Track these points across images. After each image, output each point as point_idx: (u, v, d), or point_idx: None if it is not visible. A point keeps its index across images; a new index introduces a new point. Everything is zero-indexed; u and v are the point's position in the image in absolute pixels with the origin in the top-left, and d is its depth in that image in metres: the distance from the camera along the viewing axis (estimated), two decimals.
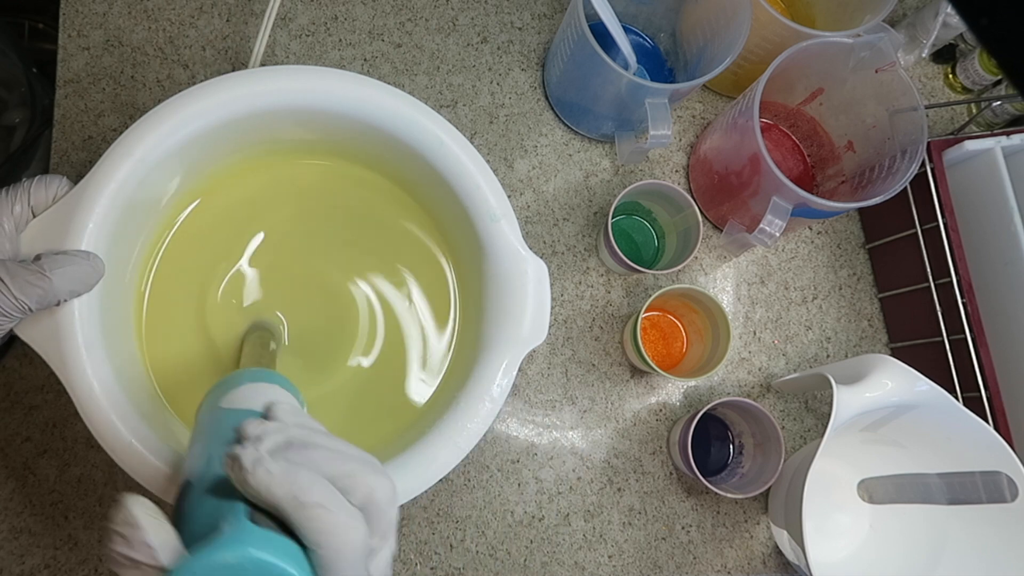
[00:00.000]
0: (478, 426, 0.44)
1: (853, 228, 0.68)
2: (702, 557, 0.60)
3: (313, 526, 0.26)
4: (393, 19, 0.65)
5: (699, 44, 0.60)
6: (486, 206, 0.47)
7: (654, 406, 0.62)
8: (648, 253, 0.64)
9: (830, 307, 0.66)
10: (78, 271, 0.39)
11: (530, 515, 0.59)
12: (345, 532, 0.26)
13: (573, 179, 0.65)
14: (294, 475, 0.26)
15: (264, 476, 0.26)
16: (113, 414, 0.40)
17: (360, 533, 0.27)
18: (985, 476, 0.53)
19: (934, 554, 0.57)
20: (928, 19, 0.67)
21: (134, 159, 0.42)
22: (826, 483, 0.61)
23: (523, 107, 0.65)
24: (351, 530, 0.27)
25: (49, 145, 0.59)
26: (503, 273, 0.47)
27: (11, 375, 0.55)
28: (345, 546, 0.26)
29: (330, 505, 0.26)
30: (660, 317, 0.63)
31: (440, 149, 0.47)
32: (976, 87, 0.70)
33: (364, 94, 0.46)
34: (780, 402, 0.64)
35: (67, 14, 0.61)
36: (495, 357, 0.46)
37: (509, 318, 0.46)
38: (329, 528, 0.26)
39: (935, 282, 0.59)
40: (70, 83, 0.60)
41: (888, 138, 0.58)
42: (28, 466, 0.54)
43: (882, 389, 0.52)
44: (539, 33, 0.67)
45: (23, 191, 0.40)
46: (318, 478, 0.27)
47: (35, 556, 0.53)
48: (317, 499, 0.26)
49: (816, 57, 0.56)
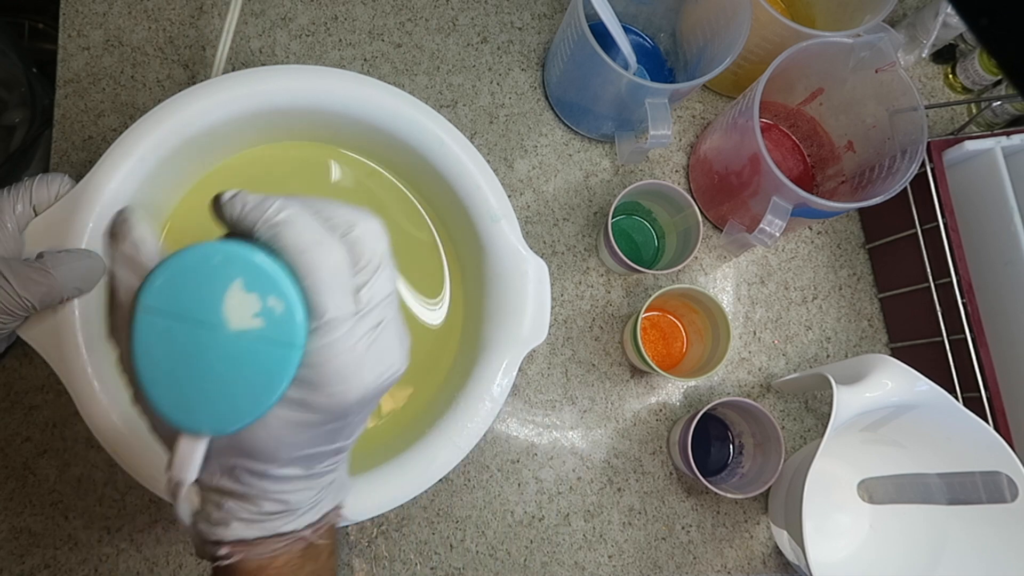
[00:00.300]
0: (478, 426, 0.44)
1: (853, 228, 0.68)
2: (702, 557, 0.60)
3: (283, 242, 0.26)
4: (393, 19, 0.65)
5: (699, 44, 0.60)
6: (486, 206, 0.47)
7: (654, 406, 0.62)
8: (648, 253, 0.64)
9: (830, 307, 0.66)
10: (80, 269, 0.39)
11: (530, 515, 0.59)
12: (317, 248, 0.26)
13: (573, 179, 0.65)
14: (268, 202, 0.26)
15: (240, 205, 0.26)
16: (113, 414, 0.40)
17: (336, 253, 0.26)
18: (985, 476, 0.53)
19: (934, 554, 0.57)
20: (928, 19, 0.67)
21: (135, 158, 0.42)
22: (826, 483, 0.61)
23: (523, 107, 0.65)
24: (323, 247, 0.26)
25: (49, 145, 0.59)
26: (503, 273, 0.47)
27: (11, 375, 0.55)
28: (319, 264, 0.26)
29: (299, 222, 0.26)
30: (660, 317, 0.63)
31: (441, 149, 0.47)
32: (976, 87, 0.70)
33: (364, 94, 0.46)
34: (780, 402, 0.64)
35: (67, 14, 0.61)
36: (495, 357, 0.46)
37: (509, 318, 0.46)
38: (298, 243, 0.26)
39: (935, 282, 0.59)
40: (70, 83, 0.60)
41: (888, 138, 0.58)
42: (28, 466, 0.54)
43: (882, 389, 0.52)
44: (539, 33, 0.67)
45: (25, 190, 0.41)
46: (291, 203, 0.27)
47: (35, 556, 0.53)
48: (285, 217, 0.26)
49: (816, 57, 0.56)
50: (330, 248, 0.26)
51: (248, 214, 0.26)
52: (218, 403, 0.26)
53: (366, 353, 0.27)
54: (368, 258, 0.28)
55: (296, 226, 0.26)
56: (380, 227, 0.29)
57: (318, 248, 0.26)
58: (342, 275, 0.26)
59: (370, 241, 0.28)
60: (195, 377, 0.25)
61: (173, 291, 0.25)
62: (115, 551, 0.54)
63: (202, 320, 0.25)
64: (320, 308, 0.26)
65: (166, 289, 0.25)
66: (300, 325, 0.26)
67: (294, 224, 0.26)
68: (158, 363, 0.25)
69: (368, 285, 0.27)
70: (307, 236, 0.26)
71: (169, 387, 0.26)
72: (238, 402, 0.26)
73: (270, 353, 0.25)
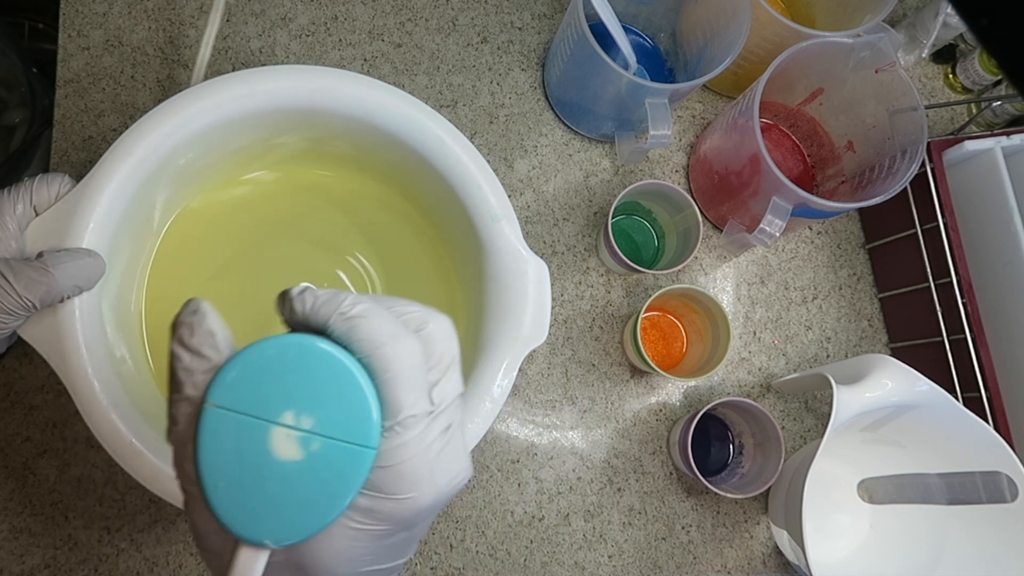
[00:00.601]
0: (478, 426, 0.44)
1: (853, 228, 0.68)
2: (702, 557, 0.60)
3: (360, 335, 0.24)
4: (393, 19, 0.65)
5: (699, 44, 0.60)
6: (487, 206, 0.47)
7: (654, 406, 0.62)
8: (648, 253, 0.65)
9: (830, 307, 0.66)
10: (80, 267, 0.39)
11: (530, 515, 0.59)
12: (394, 342, 0.25)
13: (573, 179, 0.65)
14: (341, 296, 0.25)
15: (311, 299, 0.25)
16: (114, 413, 0.40)
17: (412, 348, 0.25)
18: (985, 476, 0.53)
19: (934, 554, 0.57)
20: (928, 19, 0.67)
21: (135, 158, 0.42)
22: (826, 483, 0.61)
23: (523, 107, 0.65)
24: (400, 341, 0.25)
25: (49, 145, 0.59)
26: (504, 273, 0.47)
27: (11, 375, 0.55)
28: (395, 359, 0.24)
29: (374, 316, 0.25)
30: (660, 317, 0.63)
31: (441, 149, 0.47)
32: (976, 87, 0.70)
33: (365, 93, 0.46)
34: (780, 402, 0.64)
35: (67, 14, 0.61)
36: (495, 357, 0.46)
37: (509, 318, 0.46)
38: (375, 336, 0.24)
39: (935, 282, 0.59)
40: (70, 83, 0.60)
41: (888, 138, 0.58)
42: (28, 466, 0.54)
43: (882, 389, 0.52)
44: (539, 33, 0.67)
45: (25, 190, 0.41)
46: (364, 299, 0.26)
47: (35, 556, 0.53)
48: (361, 311, 0.25)
49: (816, 57, 0.56)
50: (407, 343, 0.25)
51: (321, 308, 0.25)
52: (285, 512, 0.24)
53: (439, 456, 0.25)
54: (439, 356, 0.27)
55: (373, 320, 0.25)
56: (451, 326, 0.28)
57: (395, 343, 0.25)
58: (418, 372, 0.25)
59: (442, 339, 0.27)
60: (262, 483, 0.24)
61: (246, 386, 0.24)
62: (115, 551, 0.54)
63: (274, 419, 0.24)
64: (396, 405, 0.24)
65: (239, 384, 0.24)
66: (375, 423, 0.24)
67: (370, 318, 0.25)
68: (224, 467, 0.24)
69: (440, 385, 0.26)
70: (385, 330, 0.25)
71: (234, 494, 0.24)
72: (306, 509, 0.24)
73: (343, 454, 0.24)
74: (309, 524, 0.24)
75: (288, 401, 0.24)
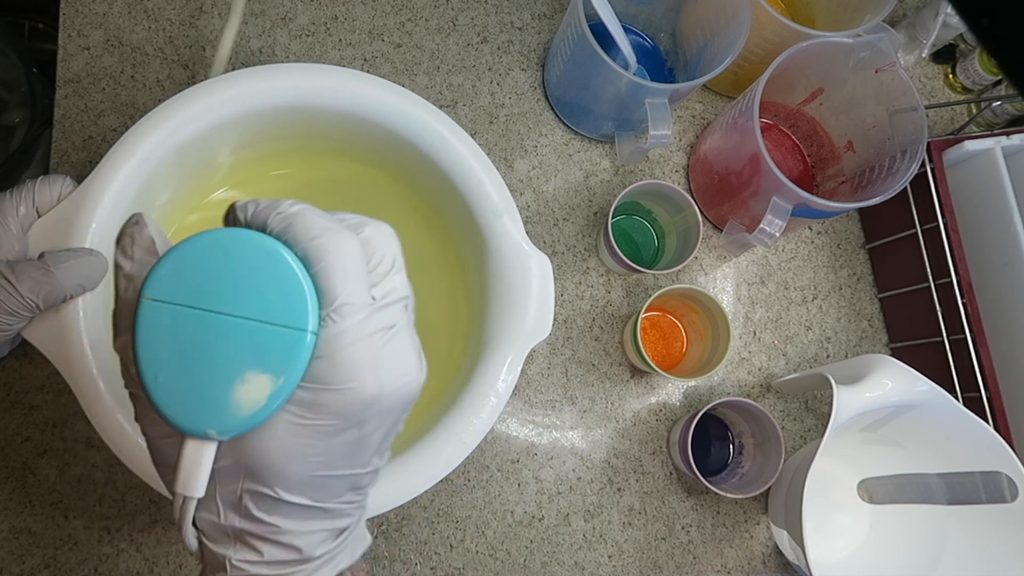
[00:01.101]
0: (483, 422, 0.44)
1: (853, 228, 0.68)
2: (702, 557, 0.60)
3: (295, 230, 0.25)
4: (393, 19, 0.65)
5: (699, 44, 0.60)
6: (489, 202, 0.47)
7: (654, 406, 0.62)
8: (648, 253, 0.65)
9: (830, 307, 0.66)
10: (83, 266, 0.39)
11: (530, 515, 0.59)
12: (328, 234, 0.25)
13: (573, 179, 0.65)
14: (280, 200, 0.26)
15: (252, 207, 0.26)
16: (119, 413, 0.40)
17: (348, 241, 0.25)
18: (985, 476, 0.53)
19: (934, 554, 0.57)
20: (928, 19, 0.67)
21: (137, 159, 0.42)
22: (826, 483, 0.61)
23: (523, 107, 0.65)
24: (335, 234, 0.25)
25: (49, 145, 0.59)
26: (507, 268, 0.47)
27: (11, 375, 0.55)
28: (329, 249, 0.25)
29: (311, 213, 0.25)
30: (660, 317, 0.63)
31: (443, 146, 0.47)
32: (976, 87, 0.70)
33: (366, 91, 0.46)
34: (780, 402, 0.64)
35: (67, 14, 0.61)
36: (500, 352, 0.46)
37: (513, 313, 0.46)
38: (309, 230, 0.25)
39: (935, 282, 0.59)
40: (70, 83, 0.60)
41: (888, 138, 0.58)
42: (28, 466, 0.54)
43: (882, 389, 0.52)
44: (539, 33, 0.67)
45: (27, 191, 0.41)
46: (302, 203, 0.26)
47: (35, 556, 0.53)
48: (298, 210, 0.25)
49: (816, 57, 0.56)
50: (342, 236, 0.25)
51: (261, 211, 0.25)
52: (225, 400, 0.24)
53: (381, 349, 0.25)
54: (380, 256, 0.27)
55: (308, 215, 0.25)
56: (392, 231, 0.28)
57: (330, 235, 0.25)
58: (354, 264, 0.25)
59: (383, 240, 0.27)
60: (201, 371, 0.24)
61: (180, 278, 0.24)
62: (115, 551, 0.54)
63: (209, 307, 0.24)
64: (332, 292, 0.24)
65: (172, 277, 0.24)
66: (311, 309, 0.24)
67: (306, 214, 0.25)
68: (162, 357, 0.24)
69: (382, 284, 0.26)
70: (319, 224, 0.25)
71: (174, 385, 0.24)
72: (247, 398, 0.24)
73: (280, 339, 0.24)
74: (251, 414, 0.24)
75: (222, 290, 0.24)
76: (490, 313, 0.47)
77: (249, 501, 0.26)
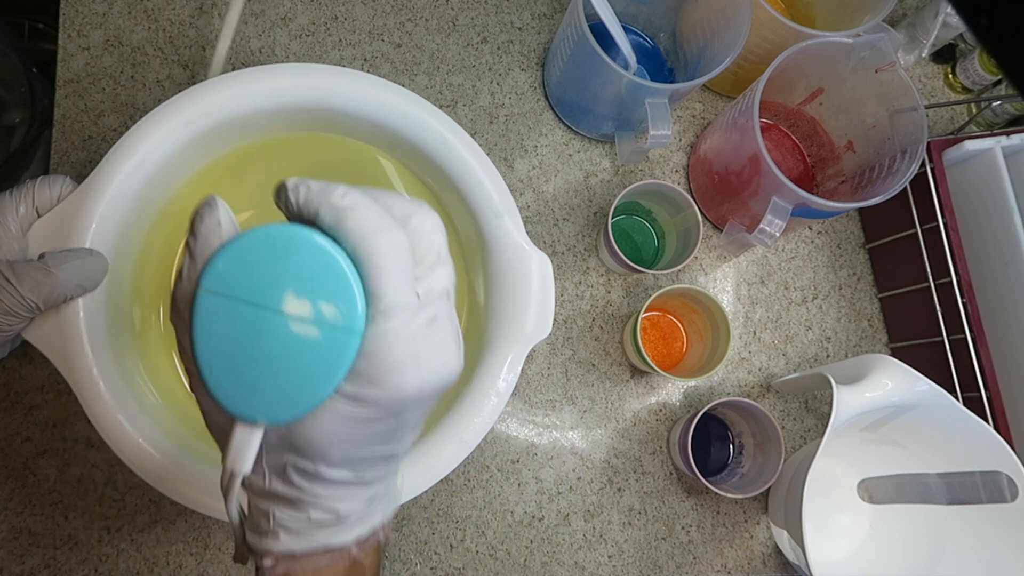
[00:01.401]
0: (484, 421, 0.44)
1: (853, 228, 0.68)
2: (702, 557, 0.60)
3: (347, 226, 0.25)
4: (393, 19, 0.65)
5: (699, 44, 0.60)
6: (489, 202, 0.47)
7: (654, 406, 0.62)
8: (648, 253, 0.65)
9: (830, 307, 0.66)
10: (83, 266, 0.39)
11: (530, 515, 0.59)
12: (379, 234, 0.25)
13: (573, 179, 0.65)
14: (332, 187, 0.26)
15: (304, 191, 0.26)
16: (120, 413, 0.40)
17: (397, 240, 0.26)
18: (985, 476, 0.53)
19: (934, 554, 0.57)
20: (928, 19, 0.67)
21: (137, 159, 0.42)
22: (826, 483, 0.61)
23: (523, 107, 0.65)
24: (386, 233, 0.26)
25: (49, 145, 0.59)
26: (507, 269, 0.47)
27: (11, 375, 0.55)
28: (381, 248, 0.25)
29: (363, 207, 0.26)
30: (660, 317, 0.63)
31: (443, 146, 0.47)
32: (976, 87, 0.70)
33: (367, 91, 0.46)
34: (780, 402, 0.64)
35: (67, 14, 0.61)
36: (500, 352, 0.46)
37: (514, 313, 0.46)
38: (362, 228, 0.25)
39: (935, 282, 0.59)
40: (70, 83, 0.60)
41: (888, 138, 0.58)
42: (28, 466, 0.54)
43: (882, 389, 0.52)
44: (539, 33, 0.67)
45: (27, 192, 0.41)
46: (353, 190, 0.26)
47: (35, 556, 0.53)
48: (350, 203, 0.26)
49: (816, 57, 0.56)
50: (392, 235, 0.26)
51: (313, 199, 0.26)
52: (275, 391, 0.25)
53: (423, 344, 0.26)
54: (425, 249, 0.27)
55: (360, 211, 0.26)
56: (438, 220, 0.28)
57: (380, 235, 0.26)
58: (403, 263, 0.26)
59: (428, 232, 0.28)
60: (253, 363, 0.25)
61: (236, 273, 0.25)
62: (115, 551, 0.54)
63: (263, 304, 0.25)
64: (379, 293, 0.25)
65: (229, 271, 0.25)
66: (360, 310, 0.25)
67: (358, 209, 0.26)
68: (217, 347, 0.25)
69: (426, 278, 0.27)
70: (372, 222, 0.26)
71: (227, 373, 0.25)
72: (295, 390, 0.25)
73: (329, 339, 0.25)
74: (298, 405, 0.26)
75: (276, 287, 0.25)
76: (490, 313, 0.47)
77: (293, 472, 0.27)
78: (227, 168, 0.51)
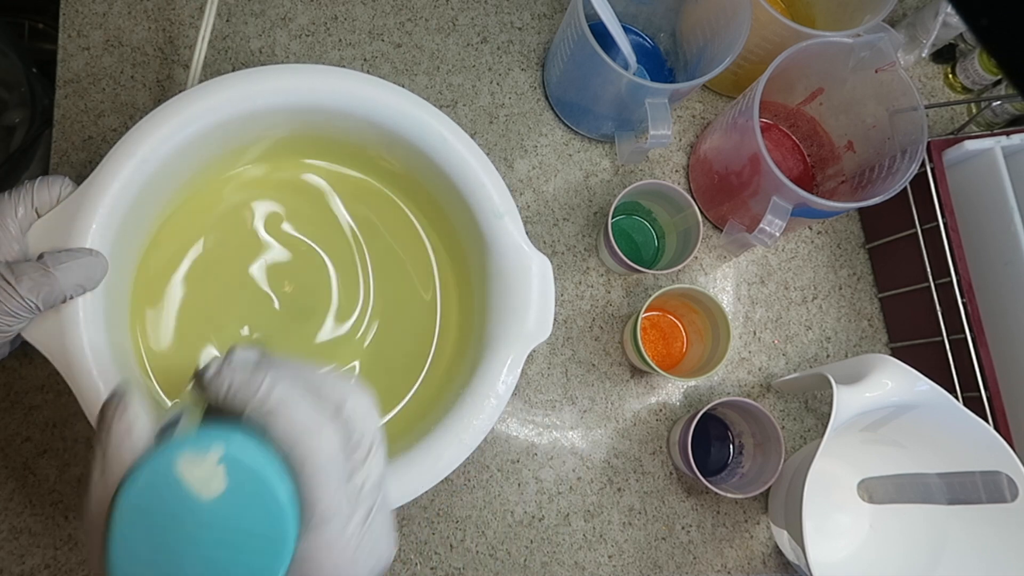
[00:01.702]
0: (484, 422, 0.44)
1: (853, 228, 0.68)
2: (702, 557, 0.60)
3: (276, 430, 0.24)
4: (393, 19, 0.65)
5: (699, 44, 0.61)
6: (490, 203, 0.47)
7: (654, 406, 0.62)
8: (648, 253, 0.65)
9: (830, 307, 0.66)
10: (82, 266, 0.39)
11: (530, 515, 0.59)
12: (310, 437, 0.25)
13: (573, 179, 0.65)
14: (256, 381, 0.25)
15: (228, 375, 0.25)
16: None
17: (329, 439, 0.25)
18: (985, 476, 0.53)
19: (934, 554, 0.57)
20: (928, 19, 0.67)
21: (137, 159, 0.42)
22: (826, 483, 0.61)
23: (523, 107, 0.65)
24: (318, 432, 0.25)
25: (49, 145, 0.59)
26: (507, 269, 0.47)
27: (11, 375, 0.55)
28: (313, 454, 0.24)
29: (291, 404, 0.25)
30: (660, 317, 0.63)
31: (443, 146, 0.47)
32: (976, 87, 0.70)
33: (367, 92, 0.46)
34: (780, 402, 0.64)
35: (67, 14, 0.61)
36: (500, 353, 0.46)
37: (513, 314, 0.46)
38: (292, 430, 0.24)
39: (935, 282, 0.59)
40: (70, 83, 0.60)
41: (888, 138, 0.58)
42: (28, 466, 0.54)
43: (882, 389, 0.52)
44: (539, 33, 0.67)
45: (27, 192, 0.40)
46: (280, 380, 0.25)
47: (35, 556, 0.53)
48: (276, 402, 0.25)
49: (816, 57, 0.56)
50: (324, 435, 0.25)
51: (236, 395, 0.25)
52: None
53: (359, 548, 0.25)
54: (358, 438, 0.26)
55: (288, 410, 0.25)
56: (371, 402, 0.27)
57: (312, 437, 0.25)
58: (336, 464, 0.25)
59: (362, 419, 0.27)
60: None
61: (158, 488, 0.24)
62: None
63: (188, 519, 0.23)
64: (312, 500, 0.24)
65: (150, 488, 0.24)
66: (292, 521, 0.24)
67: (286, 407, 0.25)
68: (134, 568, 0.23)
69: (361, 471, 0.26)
70: (300, 422, 0.25)
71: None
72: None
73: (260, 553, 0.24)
74: None
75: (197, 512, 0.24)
76: (490, 314, 0.47)
77: None
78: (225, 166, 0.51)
